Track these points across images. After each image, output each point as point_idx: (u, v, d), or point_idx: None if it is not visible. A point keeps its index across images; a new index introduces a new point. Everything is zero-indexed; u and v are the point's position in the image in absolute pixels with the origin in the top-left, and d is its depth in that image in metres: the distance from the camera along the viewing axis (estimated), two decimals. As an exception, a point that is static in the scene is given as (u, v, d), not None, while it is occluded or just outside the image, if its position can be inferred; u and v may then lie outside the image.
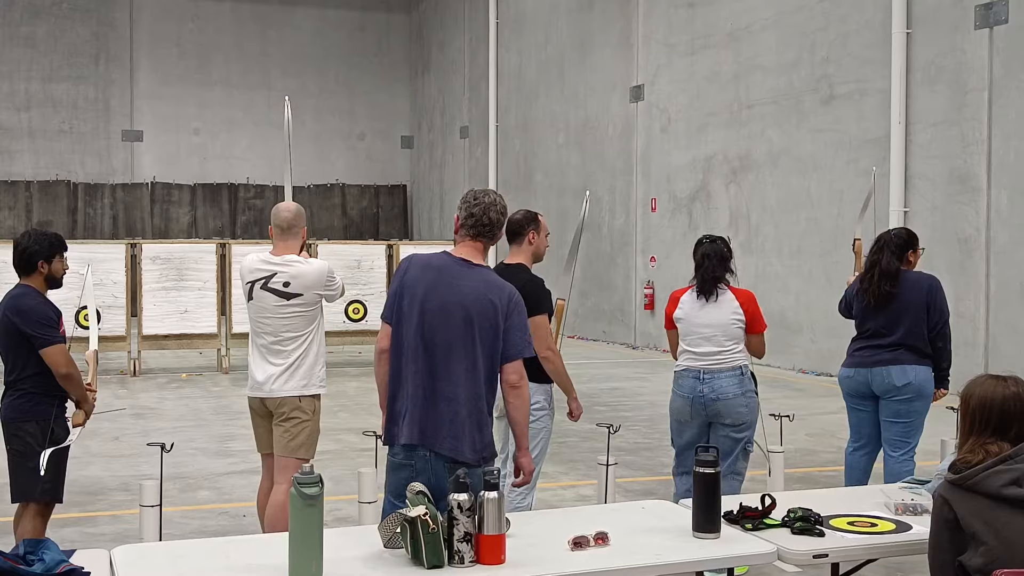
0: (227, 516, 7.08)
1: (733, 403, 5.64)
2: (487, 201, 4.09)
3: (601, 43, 20.09)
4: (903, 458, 6.13)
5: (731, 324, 5.69)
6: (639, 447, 9.43)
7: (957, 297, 11.53)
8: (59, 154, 26.80)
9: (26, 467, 5.06)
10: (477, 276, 4.04)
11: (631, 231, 19.26)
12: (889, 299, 6.18)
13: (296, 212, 5.59)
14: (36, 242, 5.31)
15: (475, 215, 4.06)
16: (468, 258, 4.08)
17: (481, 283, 4.02)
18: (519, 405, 4.05)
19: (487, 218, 4.07)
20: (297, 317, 5.38)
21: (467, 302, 3.97)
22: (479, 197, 4.10)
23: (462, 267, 4.06)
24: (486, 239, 4.11)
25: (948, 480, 3.34)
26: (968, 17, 12.39)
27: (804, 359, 14.89)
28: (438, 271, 4.05)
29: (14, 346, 5.17)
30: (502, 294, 4.02)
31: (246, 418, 5.88)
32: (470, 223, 4.07)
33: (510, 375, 4.01)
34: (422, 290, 4.01)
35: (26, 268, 5.31)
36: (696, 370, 5.72)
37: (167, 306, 14.66)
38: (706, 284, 5.74)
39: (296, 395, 5.39)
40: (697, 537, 3.57)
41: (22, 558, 3.16)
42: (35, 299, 5.22)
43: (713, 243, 5.82)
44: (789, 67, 15.20)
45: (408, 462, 3.95)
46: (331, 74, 28.64)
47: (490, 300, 3.98)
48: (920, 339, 6.18)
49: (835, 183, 14.38)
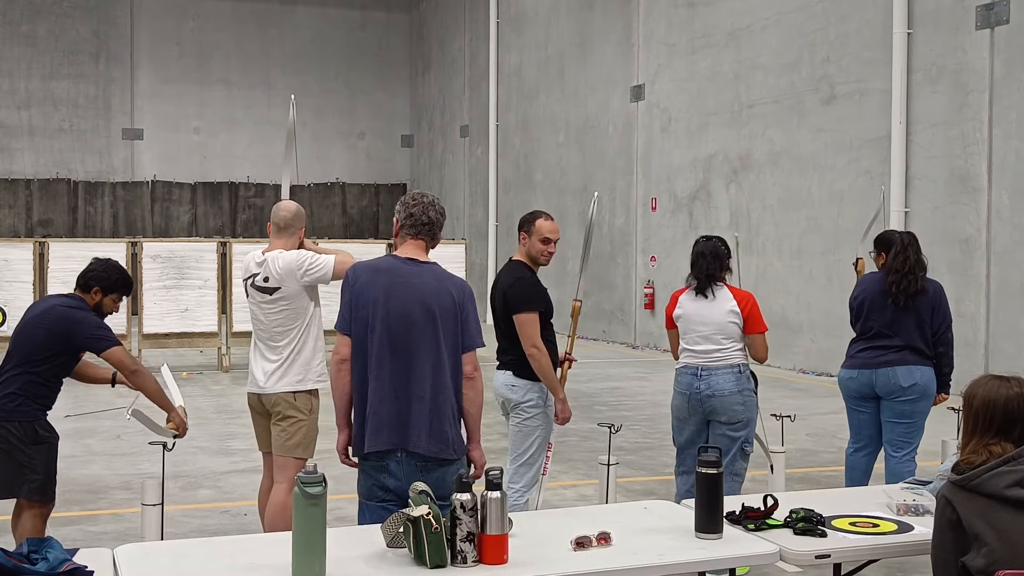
0: (228, 515, 7.08)
1: (728, 400, 5.66)
2: (425, 201, 4.22)
3: (601, 42, 20.09)
4: (905, 458, 6.13)
5: (727, 322, 5.71)
6: (640, 447, 9.43)
7: (958, 297, 11.53)
8: (59, 152, 26.79)
9: (9, 464, 5.07)
10: (429, 272, 4.12)
11: (631, 230, 19.26)
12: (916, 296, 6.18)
13: (295, 212, 5.59)
14: (105, 271, 5.34)
15: (414, 215, 4.18)
16: (414, 256, 4.16)
17: (434, 278, 4.11)
18: (472, 397, 4.11)
19: (426, 217, 4.18)
20: (283, 312, 5.36)
21: (426, 298, 4.03)
22: (417, 198, 4.24)
23: (411, 266, 4.13)
24: (426, 238, 4.20)
25: (951, 481, 3.34)
26: (969, 17, 12.39)
27: (804, 359, 14.90)
28: (389, 273, 4.10)
29: (35, 349, 5.12)
30: (454, 286, 4.12)
31: (247, 417, 5.89)
32: (410, 223, 4.19)
33: (465, 366, 4.09)
34: (379, 294, 4.06)
35: (82, 287, 5.31)
36: (694, 367, 5.76)
37: (168, 304, 14.66)
38: (701, 281, 5.78)
39: (291, 391, 5.37)
40: (699, 537, 3.57)
41: (26, 557, 3.16)
42: (87, 310, 5.25)
43: (708, 241, 5.87)
44: (790, 67, 15.20)
45: (381, 463, 4.00)
46: (331, 73, 28.64)
47: (448, 292, 4.08)
48: (924, 341, 6.20)
49: (836, 183, 14.38)
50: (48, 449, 5.16)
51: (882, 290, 6.28)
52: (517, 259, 5.69)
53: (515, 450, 5.63)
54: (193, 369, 14.97)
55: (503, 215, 23.58)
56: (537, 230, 5.63)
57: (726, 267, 5.82)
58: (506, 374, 5.58)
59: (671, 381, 5.99)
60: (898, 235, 6.41)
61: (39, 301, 5.48)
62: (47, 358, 5.12)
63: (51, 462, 5.20)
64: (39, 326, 5.16)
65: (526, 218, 5.73)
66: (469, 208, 25.63)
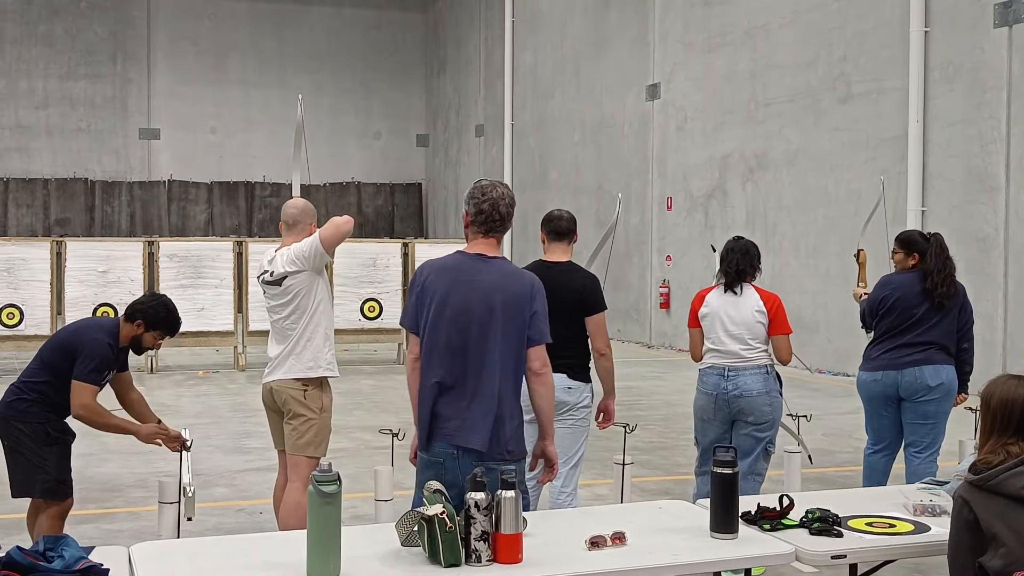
0: (244, 513, 7.10)
1: (757, 400, 5.64)
2: (495, 196, 4.08)
3: (617, 41, 20.06)
4: (929, 459, 6.10)
5: (755, 322, 5.71)
6: (655, 446, 9.41)
7: (975, 297, 11.38)
8: (77, 152, 26.94)
9: (23, 464, 5.10)
10: (495, 269, 4.04)
11: (647, 230, 19.23)
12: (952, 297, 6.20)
13: (303, 209, 5.62)
14: (154, 307, 5.28)
15: (484, 211, 4.06)
16: (483, 252, 4.08)
17: (500, 275, 4.03)
18: (543, 393, 4.04)
19: (497, 214, 4.07)
20: (291, 303, 5.41)
21: (489, 296, 3.97)
22: (487, 192, 4.09)
23: (477, 262, 4.05)
24: (498, 234, 4.11)
25: (968, 481, 3.32)
26: (987, 15, 12.32)
27: (821, 359, 14.84)
28: (454, 271, 4.05)
29: (54, 355, 5.20)
30: (521, 281, 4.03)
31: (263, 415, 5.91)
32: (480, 220, 4.07)
33: (533, 361, 4.00)
34: (442, 292, 4.01)
35: (128, 316, 5.28)
36: (721, 367, 5.73)
37: (184, 303, 14.55)
38: (730, 276, 5.77)
39: (300, 378, 5.40)
40: (715, 537, 3.55)
41: (42, 554, 3.17)
42: (109, 338, 5.19)
43: (740, 240, 5.89)
44: (806, 66, 15.15)
45: (438, 459, 3.96)
46: (347, 73, 28.70)
47: (512, 288, 3.99)
48: (950, 339, 6.17)
49: (852, 182, 14.32)
50: (61, 450, 5.18)
51: (921, 290, 6.21)
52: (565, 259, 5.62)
53: (565, 452, 5.44)
54: (209, 368, 15.02)
55: (518, 215, 23.27)
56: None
57: (756, 266, 5.82)
58: (561, 376, 5.35)
59: (686, 381, 5.99)
60: (932, 236, 6.36)
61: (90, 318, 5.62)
62: (58, 367, 5.17)
63: (64, 462, 5.21)
64: (65, 334, 5.28)
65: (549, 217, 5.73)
66: (484, 207, 25.61)
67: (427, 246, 15.82)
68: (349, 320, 14.90)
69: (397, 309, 15.44)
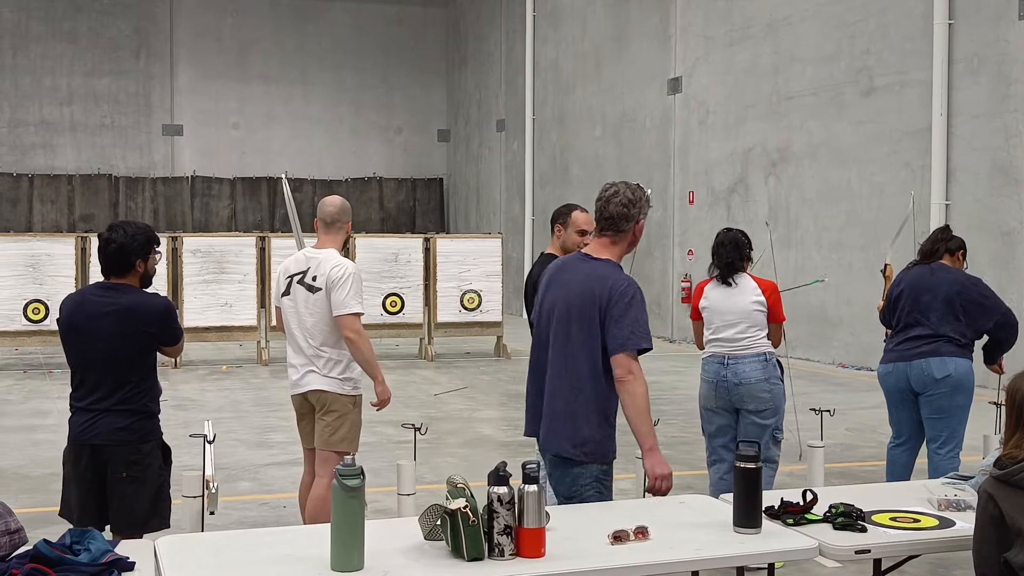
0: (267, 507, 7.14)
1: (755, 388, 5.73)
2: (607, 195, 4.08)
3: (638, 35, 20.01)
4: (949, 455, 6.07)
5: (753, 310, 5.81)
6: (677, 441, 9.40)
7: (1000, 290, 11.33)
8: (101, 148, 27.11)
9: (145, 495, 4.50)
10: (586, 269, 4.06)
11: (668, 224, 19.18)
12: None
13: (340, 207, 5.64)
14: (132, 238, 4.52)
15: (598, 210, 4.10)
16: (592, 253, 4.11)
17: (584, 276, 4.03)
18: (628, 402, 3.96)
19: (607, 212, 4.06)
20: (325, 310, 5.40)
21: (570, 297, 4.02)
22: (603, 192, 4.10)
23: (580, 261, 4.10)
24: (611, 232, 4.07)
25: (993, 476, 3.30)
26: (1012, 7, 12.21)
27: (844, 353, 14.77)
28: (558, 270, 4.17)
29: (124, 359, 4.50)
30: (604, 286, 3.97)
31: (286, 410, 5.94)
32: (596, 218, 4.14)
33: (615, 369, 3.96)
34: (543, 288, 4.18)
35: (123, 267, 4.54)
36: (721, 356, 5.85)
37: (208, 299, 14.79)
38: (722, 270, 5.89)
39: (335, 390, 5.42)
40: (737, 532, 3.55)
41: (68, 548, 3.20)
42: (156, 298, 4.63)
43: (729, 232, 5.99)
44: (829, 59, 15.06)
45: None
46: (368, 68, 28.73)
47: (590, 292, 3.98)
48: (961, 332, 6.14)
49: (875, 176, 14.24)
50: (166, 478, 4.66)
51: (930, 283, 6.33)
52: (550, 252, 5.68)
53: None
54: (232, 363, 15.09)
55: (539, 209, 23.54)
56: (574, 222, 5.64)
57: (746, 256, 5.93)
58: None
59: (702, 372, 6.03)
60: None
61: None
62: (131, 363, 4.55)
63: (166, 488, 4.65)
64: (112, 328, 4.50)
65: (561, 210, 5.76)
66: (505, 202, 25.63)
67: (448, 241, 15.80)
68: (371, 315, 14.90)
69: (418, 304, 15.47)
